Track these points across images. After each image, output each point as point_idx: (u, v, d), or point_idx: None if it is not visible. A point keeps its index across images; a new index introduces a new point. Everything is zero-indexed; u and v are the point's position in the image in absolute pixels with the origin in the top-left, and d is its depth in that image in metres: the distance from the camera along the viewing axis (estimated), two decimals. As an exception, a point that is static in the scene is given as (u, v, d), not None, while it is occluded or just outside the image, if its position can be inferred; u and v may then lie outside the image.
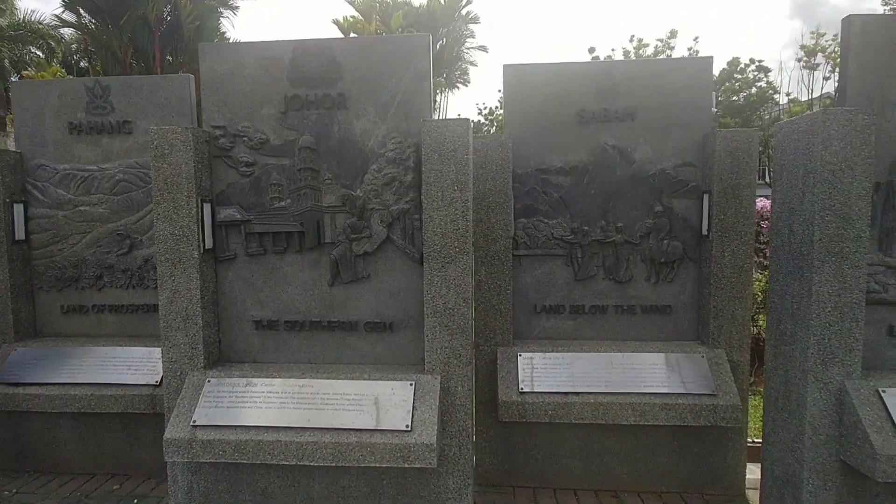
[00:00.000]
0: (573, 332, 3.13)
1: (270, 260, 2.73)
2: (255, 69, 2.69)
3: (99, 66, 20.10)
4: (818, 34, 20.27)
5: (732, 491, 3.00)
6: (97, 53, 20.35)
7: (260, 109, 2.70)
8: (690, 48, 22.35)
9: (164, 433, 2.45)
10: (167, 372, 2.63)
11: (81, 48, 21.22)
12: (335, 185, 2.68)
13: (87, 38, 20.16)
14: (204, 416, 2.40)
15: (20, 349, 3.20)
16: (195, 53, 5.23)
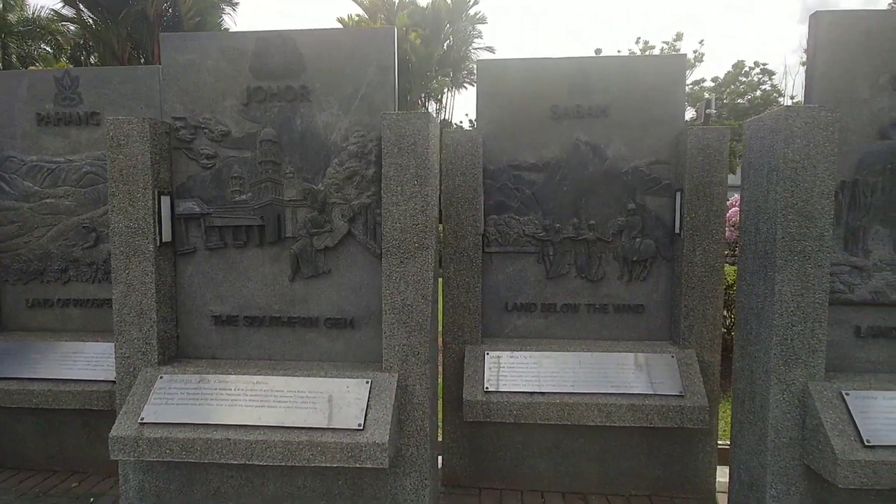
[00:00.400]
0: (545, 330, 3.08)
1: (231, 254, 2.68)
2: (217, 60, 2.64)
3: (98, 61, 20.05)
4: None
5: (703, 494, 2.95)
6: (96, 49, 20.29)
7: (222, 101, 2.65)
8: (696, 50, 22.35)
9: (116, 430, 2.39)
10: (120, 368, 2.58)
11: (81, 44, 21.14)
12: (297, 178, 2.63)
13: (85, 33, 20.11)
14: (153, 413, 2.34)
15: (-17, 343, 3.15)
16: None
